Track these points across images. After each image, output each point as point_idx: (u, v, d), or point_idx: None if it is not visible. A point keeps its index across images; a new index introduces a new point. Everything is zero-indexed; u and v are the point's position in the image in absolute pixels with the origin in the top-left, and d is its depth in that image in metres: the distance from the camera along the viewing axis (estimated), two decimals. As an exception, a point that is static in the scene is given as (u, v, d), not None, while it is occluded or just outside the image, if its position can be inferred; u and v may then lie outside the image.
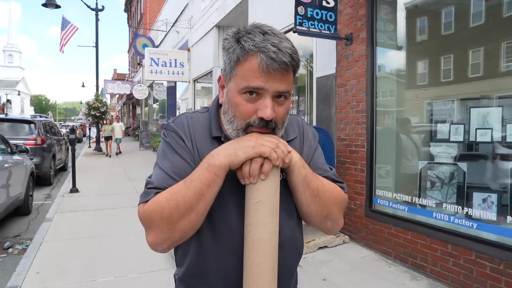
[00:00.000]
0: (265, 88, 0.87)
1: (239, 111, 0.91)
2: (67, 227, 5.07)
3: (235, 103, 0.91)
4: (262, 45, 0.86)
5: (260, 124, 0.90)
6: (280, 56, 0.86)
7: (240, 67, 0.89)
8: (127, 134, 31.01)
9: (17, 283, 3.33)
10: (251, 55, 0.87)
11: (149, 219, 0.88)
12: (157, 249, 0.90)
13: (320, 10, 4.15)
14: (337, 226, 1.06)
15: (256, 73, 0.86)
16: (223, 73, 0.96)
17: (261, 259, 0.88)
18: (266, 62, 0.85)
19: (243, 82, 0.88)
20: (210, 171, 0.86)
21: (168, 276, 3.49)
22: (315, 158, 1.10)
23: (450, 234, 3.23)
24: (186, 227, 0.88)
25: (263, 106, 0.88)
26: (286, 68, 0.87)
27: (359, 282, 3.38)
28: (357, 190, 4.31)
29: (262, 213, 0.88)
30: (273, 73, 0.86)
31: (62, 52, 16.71)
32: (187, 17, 12.56)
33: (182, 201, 0.85)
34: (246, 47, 0.87)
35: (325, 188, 1.00)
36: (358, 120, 4.27)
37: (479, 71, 3.31)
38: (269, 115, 0.88)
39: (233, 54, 0.90)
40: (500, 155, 3.04)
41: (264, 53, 0.85)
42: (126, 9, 39.91)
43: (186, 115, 1.03)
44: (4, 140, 5.90)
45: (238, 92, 0.90)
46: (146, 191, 0.92)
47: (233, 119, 0.92)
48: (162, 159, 0.97)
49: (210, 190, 0.87)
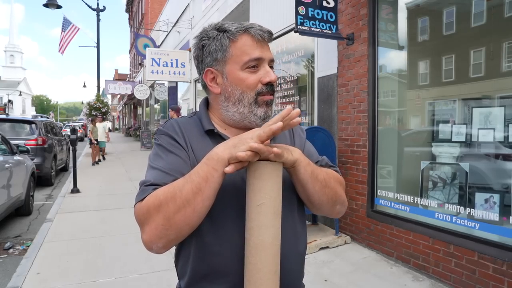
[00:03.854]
0: (263, 57, 0.99)
1: (247, 84, 0.98)
2: (68, 227, 5.07)
3: (240, 79, 0.98)
4: (244, 25, 0.99)
5: (269, 89, 1.00)
6: (264, 29, 1.00)
7: (235, 47, 0.98)
8: (128, 134, 31.00)
9: (18, 284, 3.33)
10: (241, 34, 0.98)
11: (147, 214, 0.85)
12: (152, 248, 0.87)
13: (320, 10, 4.15)
14: (344, 207, 1.11)
15: (253, 45, 0.98)
16: (214, 63, 1.01)
17: (263, 263, 0.86)
18: (259, 33, 0.98)
19: (244, 57, 0.97)
20: (208, 165, 0.85)
21: (168, 276, 3.49)
22: (307, 147, 1.16)
23: (452, 234, 3.22)
24: (182, 223, 0.84)
25: (267, 72, 0.99)
26: (270, 37, 1.02)
27: (361, 283, 3.37)
28: (358, 191, 4.30)
29: (265, 216, 0.86)
30: (263, 44, 1.00)
31: (62, 54, 16.73)
32: (188, 17, 12.56)
33: (179, 194, 0.84)
34: (233, 30, 0.98)
35: (329, 175, 1.04)
36: (360, 120, 4.26)
37: (480, 71, 3.30)
38: (274, 78, 0.99)
39: (223, 39, 0.98)
40: (502, 155, 3.02)
41: (252, 29, 0.98)
42: (128, 9, 39.96)
43: (174, 119, 1.07)
44: (5, 140, 5.90)
45: (240, 69, 0.98)
46: (143, 188, 0.90)
47: (242, 95, 0.99)
48: (155, 160, 0.97)
49: (208, 185, 0.84)
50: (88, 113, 16.14)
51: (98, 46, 17.51)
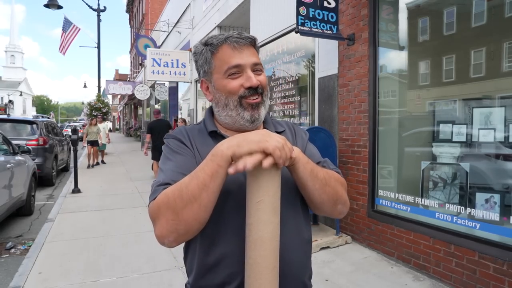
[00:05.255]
0: (242, 63, 1.04)
1: (229, 89, 1.04)
2: (69, 227, 5.08)
3: (223, 85, 1.05)
4: (224, 36, 1.06)
5: (250, 92, 1.04)
6: (242, 35, 1.06)
7: (216, 58, 1.06)
8: (129, 134, 30.97)
9: (20, 283, 3.34)
10: (221, 45, 1.06)
11: (157, 210, 0.91)
12: (164, 242, 0.92)
13: (321, 11, 4.16)
14: (346, 207, 1.12)
15: (230, 54, 1.04)
16: (204, 75, 1.11)
17: (262, 258, 0.89)
18: (235, 41, 1.04)
19: (223, 66, 1.04)
20: (213, 161, 0.88)
21: (170, 276, 3.50)
22: (309, 148, 1.20)
23: (452, 234, 3.22)
24: (190, 219, 0.89)
25: (247, 77, 1.04)
26: (250, 42, 1.07)
27: (362, 283, 3.38)
28: (359, 191, 4.30)
29: (263, 212, 0.89)
30: (242, 50, 1.05)
31: (63, 54, 16.74)
32: (189, 17, 12.57)
33: (185, 190, 0.88)
34: (214, 43, 1.06)
35: (330, 175, 1.06)
36: (360, 120, 4.26)
37: (481, 71, 3.30)
38: (254, 82, 1.03)
39: (206, 52, 1.08)
40: (503, 155, 3.03)
41: (229, 38, 1.05)
42: (128, 9, 39.97)
43: (183, 126, 1.17)
44: (6, 141, 5.91)
45: (223, 77, 1.05)
46: (155, 189, 0.96)
47: (227, 100, 1.05)
48: (165, 163, 1.04)
49: (213, 181, 0.88)
50: (88, 113, 16.16)
51: (99, 47, 17.54)
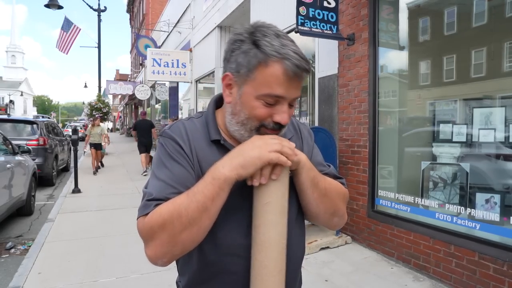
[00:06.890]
0: (286, 96, 0.88)
1: (255, 114, 0.90)
2: (69, 227, 5.08)
3: (251, 106, 0.89)
4: (283, 51, 0.85)
5: (275, 127, 0.91)
6: (303, 64, 0.87)
7: (261, 72, 0.86)
8: (129, 134, 30.97)
9: (19, 284, 3.34)
10: (274, 61, 0.85)
11: (151, 232, 0.83)
12: (157, 263, 0.86)
13: (321, 11, 4.15)
14: (343, 220, 1.08)
15: (280, 80, 0.86)
16: (235, 74, 0.91)
17: (269, 260, 0.87)
18: (293, 70, 0.85)
19: (264, 89, 0.87)
20: (214, 185, 0.82)
21: (169, 277, 3.49)
22: (314, 155, 1.11)
23: (452, 235, 3.22)
24: (188, 241, 0.84)
25: (282, 112, 0.89)
26: (306, 75, 0.90)
27: (361, 283, 3.37)
28: (359, 191, 4.30)
29: (271, 214, 0.87)
30: (295, 81, 0.87)
31: (66, 53, 16.73)
32: (189, 17, 12.57)
33: (184, 213, 0.81)
34: (268, 52, 0.85)
35: (331, 187, 1.01)
36: (360, 120, 4.26)
37: (481, 71, 3.30)
38: (287, 121, 0.90)
39: (253, 58, 0.86)
40: (503, 156, 3.02)
41: (289, 61, 0.85)
42: (129, 9, 39.98)
43: (182, 121, 1.02)
44: (7, 141, 5.92)
45: (256, 97, 0.88)
46: (145, 203, 0.87)
47: (247, 121, 0.91)
48: (159, 169, 0.93)
49: (214, 204, 0.83)
50: (89, 113, 16.15)
51: (99, 47, 17.55)
